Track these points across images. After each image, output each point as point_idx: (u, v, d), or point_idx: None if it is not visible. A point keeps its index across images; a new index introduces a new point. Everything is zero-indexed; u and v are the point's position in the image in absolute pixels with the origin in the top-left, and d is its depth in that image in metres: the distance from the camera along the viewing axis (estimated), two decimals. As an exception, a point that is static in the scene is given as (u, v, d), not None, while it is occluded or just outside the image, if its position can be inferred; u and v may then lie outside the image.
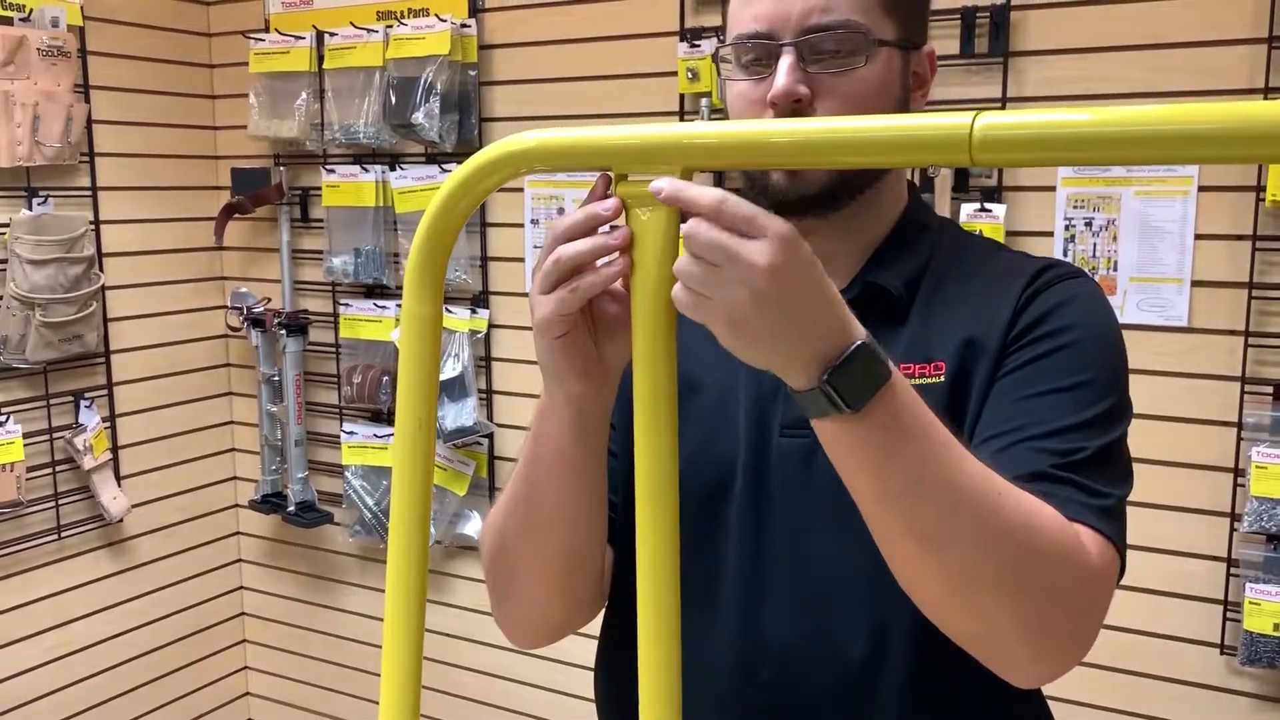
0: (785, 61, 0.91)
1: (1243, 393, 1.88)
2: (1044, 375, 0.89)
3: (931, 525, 0.76)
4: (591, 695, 1.11)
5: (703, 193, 0.70)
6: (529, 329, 0.84)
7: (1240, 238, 1.86)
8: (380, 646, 0.79)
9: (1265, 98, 1.80)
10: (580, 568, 0.97)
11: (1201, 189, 1.88)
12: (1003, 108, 1.99)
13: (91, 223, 2.62)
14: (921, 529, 0.77)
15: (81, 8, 2.57)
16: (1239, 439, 1.89)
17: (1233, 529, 1.91)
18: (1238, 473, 1.90)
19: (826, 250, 0.99)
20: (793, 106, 0.91)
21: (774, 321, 0.70)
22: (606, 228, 0.77)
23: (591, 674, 1.11)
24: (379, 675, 0.79)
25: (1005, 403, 0.90)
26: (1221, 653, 1.95)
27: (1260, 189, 1.83)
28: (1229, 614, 1.93)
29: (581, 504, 0.93)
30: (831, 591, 0.92)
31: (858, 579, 0.91)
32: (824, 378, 0.72)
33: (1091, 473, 0.86)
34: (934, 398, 0.91)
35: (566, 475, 0.90)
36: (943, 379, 0.92)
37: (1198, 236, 1.89)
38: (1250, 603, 1.86)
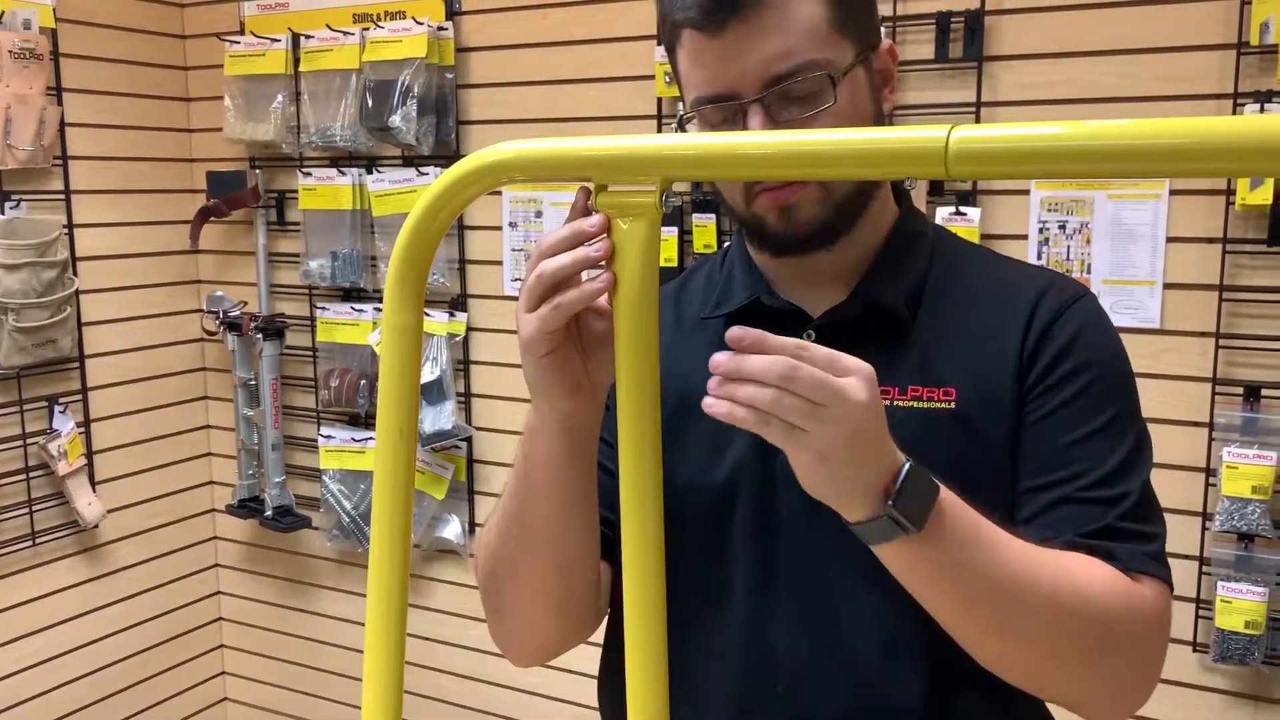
0: (754, 120, 0.89)
1: (1214, 393, 1.90)
2: (1077, 417, 0.93)
3: (1009, 621, 0.82)
4: (570, 698, 1.11)
5: (778, 339, 0.73)
6: (508, 332, 0.84)
7: (1211, 240, 1.89)
8: (359, 650, 0.79)
9: (1234, 103, 1.82)
10: (574, 584, 0.97)
11: (1173, 193, 1.90)
12: (977, 112, 2.01)
13: (65, 226, 2.60)
14: (1000, 626, 0.83)
15: (54, 10, 2.55)
16: (1210, 439, 1.91)
17: (1204, 528, 1.94)
18: (1209, 472, 1.92)
19: (821, 265, 0.99)
20: None
21: (858, 456, 0.74)
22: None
23: (569, 675, 1.11)
24: (358, 679, 0.79)
25: (1046, 449, 0.93)
26: (1194, 650, 1.97)
27: (1230, 193, 1.85)
28: (1201, 612, 1.95)
29: (572, 520, 0.93)
30: (841, 605, 0.93)
31: (866, 593, 0.92)
32: (889, 504, 0.75)
33: (1141, 515, 0.92)
34: (941, 423, 0.93)
35: (556, 492, 0.90)
36: (952, 405, 0.93)
37: (1169, 239, 1.92)
38: (1222, 601, 1.88)
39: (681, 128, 0.97)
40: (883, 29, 1.02)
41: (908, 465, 0.76)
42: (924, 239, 1.02)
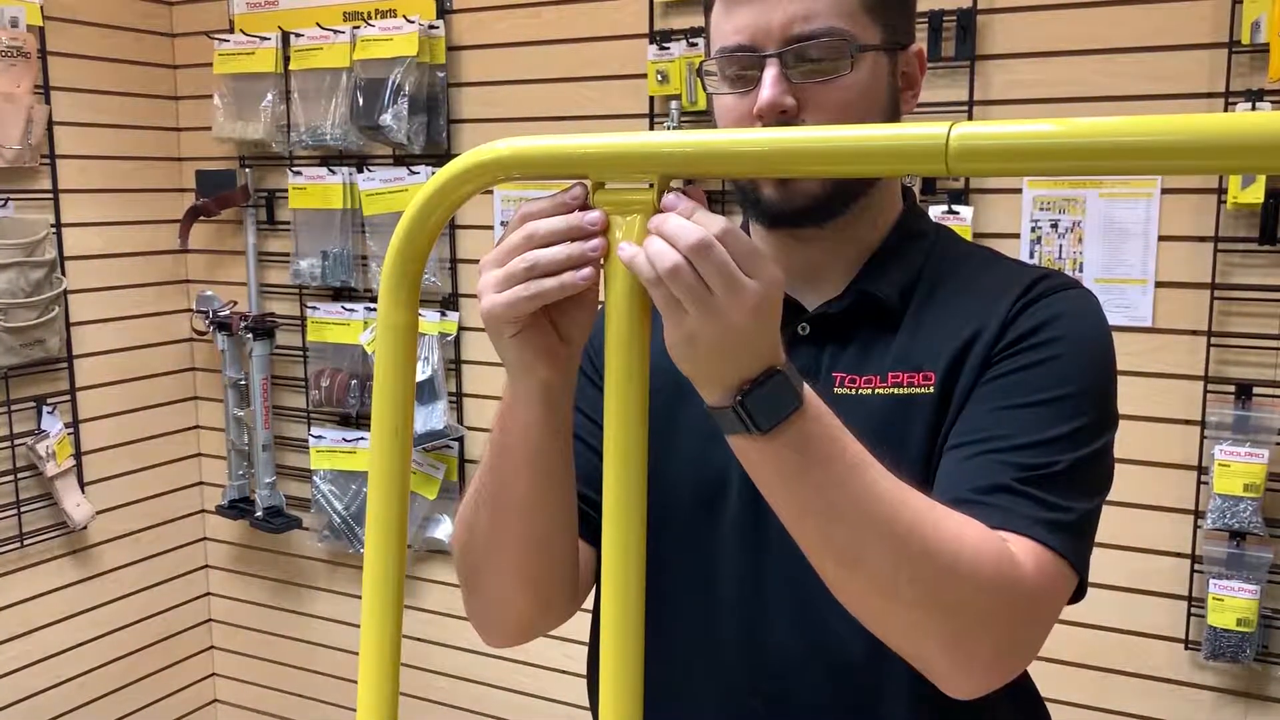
0: (769, 73, 0.90)
1: (1205, 392, 1.91)
2: (1024, 387, 0.89)
3: (843, 546, 0.78)
4: (562, 698, 1.11)
5: (715, 217, 0.71)
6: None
7: (1202, 239, 1.89)
8: (349, 651, 0.79)
9: (1226, 102, 1.82)
10: (550, 560, 0.96)
11: (1165, 191, 1.91)
12: (970, 111, 2.01)
13: (53, 226, 2.58)
14: (834, 548, 0.79)
15: (41, 8, 2.53)
16: (1202, 437, 1.91)
17: (1196, 526, 1.94)
18: (1201, 470, 1.93)
19: (820, 258, 1.00)
20: (779, 118, 0.90)
21: (727, 350, 0.73)
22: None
23: (562, 676, 1.10)
24: (348, 680, 0.79)
25: (981, 411, 0.90)
26: (1186, 648, 1.98)
27: (1221, 191, 1.86)
28: (1193, 610, 1.96)
29: (549, 492, 0.92)
30: (829, 601, 0.92)
31: None
32: (737, 399, 0.74)
33: (1055, 488, 0.85)
34: (920, 407, 0.92)
35: (535, 464, 0.89)
36: (931, 390, 0.92)
37: (1161, 238, 1.92)
38: (1214, 598, 1.89)
39: (699, 77, 0.98)
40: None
41: (776, 369, 0.74)
42: (924, 239, 1.02)
